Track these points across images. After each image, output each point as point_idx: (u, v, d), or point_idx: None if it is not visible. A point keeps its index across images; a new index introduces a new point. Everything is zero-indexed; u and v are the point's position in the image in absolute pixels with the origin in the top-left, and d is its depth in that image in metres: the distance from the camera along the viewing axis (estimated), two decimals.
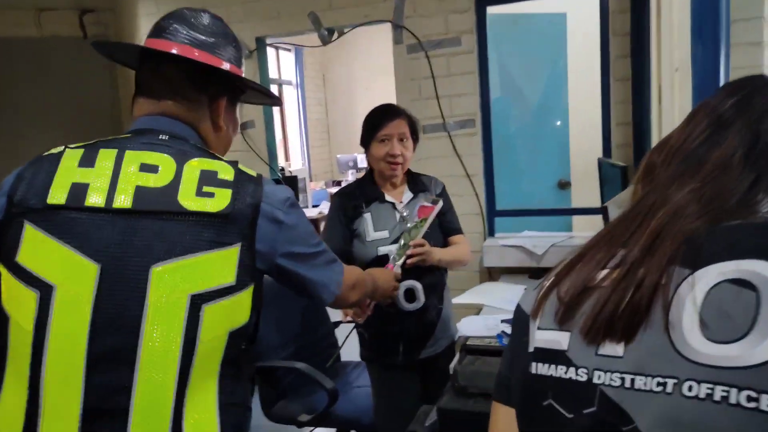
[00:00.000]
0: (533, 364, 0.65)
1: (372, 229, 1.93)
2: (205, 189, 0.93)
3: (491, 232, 3.02)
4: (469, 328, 2.01)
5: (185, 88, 1.04)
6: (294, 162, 7.39)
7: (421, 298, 1.91)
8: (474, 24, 2.89)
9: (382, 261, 1.89)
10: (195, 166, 0.96)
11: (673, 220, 0.61)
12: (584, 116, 3.56)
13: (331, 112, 8.27)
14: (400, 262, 1.81)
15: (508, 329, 1.50)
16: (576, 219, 3.35)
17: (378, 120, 1.96)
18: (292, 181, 5.66)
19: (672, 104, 1.28)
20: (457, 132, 2.97)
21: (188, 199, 0.92)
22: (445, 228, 2.06)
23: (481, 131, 2.97)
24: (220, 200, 0.93)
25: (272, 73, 7.03)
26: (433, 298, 1.99)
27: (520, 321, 0.71)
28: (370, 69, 7.79)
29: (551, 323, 0.65)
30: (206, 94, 1.05)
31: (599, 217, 2.86)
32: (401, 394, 2.02)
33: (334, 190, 7.47)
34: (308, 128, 7.67)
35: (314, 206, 5.94)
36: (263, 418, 2.40)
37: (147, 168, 0.94)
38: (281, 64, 7.34)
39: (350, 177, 7.49)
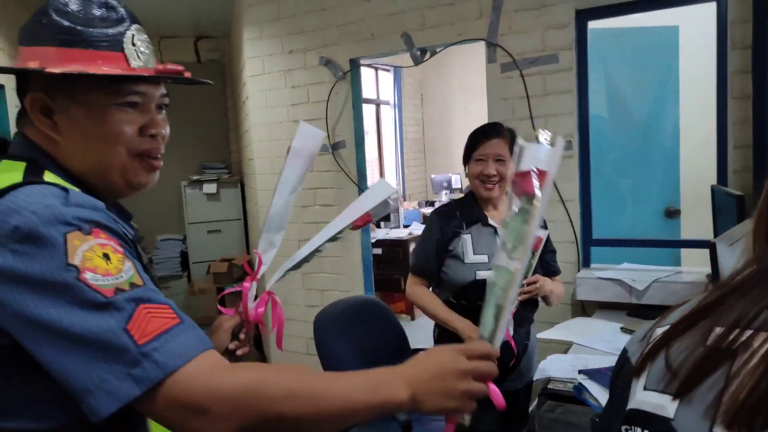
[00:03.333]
0: (623, 429, 0.54)
1: (471, 251, 1.90)
2: None
3: (586, 262, 2.80)
4: (553, 367, 1.86)
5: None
6: (388, 181, 7.43)
7: (510, 330, 1.85)
8: (574, 40, 2.73)
9: (479, 287, 1.84)
10: None
11: None
12: (698, 137, 3.24)
13: (427, 131, 8.26)
14: (516, 304, 1.77)
15: (586, 382, 1.33)
16: (685, 252, 3.03)
17: (476, 140, 1.96)
18: None
19: None
20: None
21: None
22: (545, 266, 2.00)
23: (578, 153, 2.78)
24: None
25: (370, 93, 7.13)
26: (521, 332, 1.93)
27: (623, 372, 0.59)
28: (467, 89, 7.70)
29: (658, 384, 0.53)
30: (22, 95, 0.82)
31: None
32: (477, 426, 1.90)
33: (428, 210, 7.44)
34: (404, 147, 7.69)
35: (405, 226, 5.90)
36: None
37: None
38: (380, 84, 7.44)
39: (444, 197, 7.40)
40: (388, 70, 7.42)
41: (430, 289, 2.02)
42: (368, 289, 3.55)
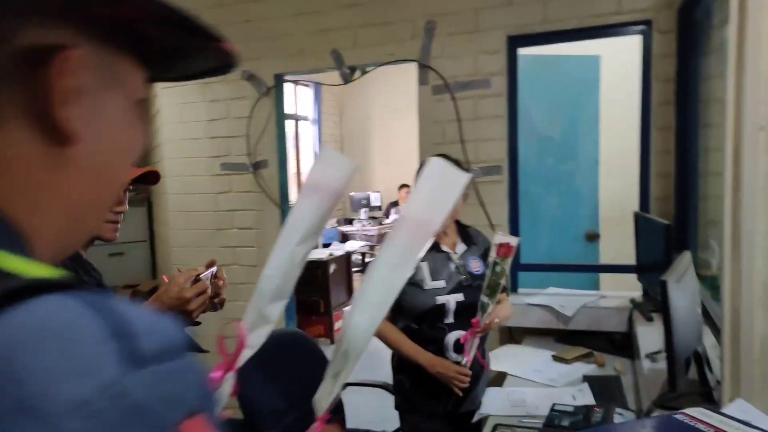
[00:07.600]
0: None
1: (429, 278, 1.90)
2: None
3: (514, 287, 2.80)
4: (492, 405, 1.79)
5: None
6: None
7: (471, 354, 1.85)
8: (505, 66, 2.74)
9: (440, 312, 1.89)
10: None
11: None
12: (616, 164, 3.37)
13: (347, 149, 8.18)
14: (490, 309, 1.77)
15: (562, 405, 1.26)
16: (603, 275, 3.12)
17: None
18: None
19: (755, 169, 1.09)
20: (482, 179, 2.79)
21: None
22: None
23: (507, 179, 2.78)
24: None
25: (290, 108, 6.96)
26: (478, 352, 1.93)
27: None
28: (388, 108, 7.72)
29: None
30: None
31: (629, 276, 2.62)
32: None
33: (346, 228, 7.32)
34: None
35: (325, 245, 5.74)
36: None
37: None
38: (299, 100, 7.28)
39: (363, 215, 7.32)
40: (308, 86, 7.28)
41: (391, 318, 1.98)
42: (289, 316, 3.36)
